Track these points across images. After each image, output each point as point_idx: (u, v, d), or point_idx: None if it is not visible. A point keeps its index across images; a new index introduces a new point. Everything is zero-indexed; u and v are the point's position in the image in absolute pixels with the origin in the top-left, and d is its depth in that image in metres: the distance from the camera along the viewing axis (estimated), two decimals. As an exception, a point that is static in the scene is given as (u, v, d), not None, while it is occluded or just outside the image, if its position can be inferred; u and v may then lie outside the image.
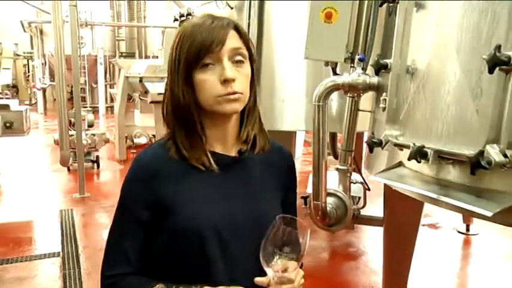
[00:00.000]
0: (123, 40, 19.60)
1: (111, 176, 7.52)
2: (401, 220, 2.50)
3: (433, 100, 1.49)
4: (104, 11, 17.31)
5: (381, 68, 1.70)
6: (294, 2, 3.73)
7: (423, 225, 4.86)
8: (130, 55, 18.40)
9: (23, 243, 4.44)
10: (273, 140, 1.26)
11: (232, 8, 4.04)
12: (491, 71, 1.22)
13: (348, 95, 2.28)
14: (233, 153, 1.17)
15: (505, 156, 1.26)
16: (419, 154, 1.46)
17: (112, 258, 1.15)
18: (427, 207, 5.03)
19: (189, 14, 4.33)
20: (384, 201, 2.61)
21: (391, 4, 1.67)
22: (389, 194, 2.50)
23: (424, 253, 4.26)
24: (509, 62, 1.19)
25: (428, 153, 1.46)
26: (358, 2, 2.31)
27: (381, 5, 1.86)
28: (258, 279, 1.05)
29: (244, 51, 1.10)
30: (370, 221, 2.87)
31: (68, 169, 7.15)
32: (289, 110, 3.98)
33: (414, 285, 3.60)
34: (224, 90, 1.05)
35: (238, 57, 1.08)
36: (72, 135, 6.21)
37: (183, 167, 1.11)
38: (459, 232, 4.65)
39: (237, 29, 1.11)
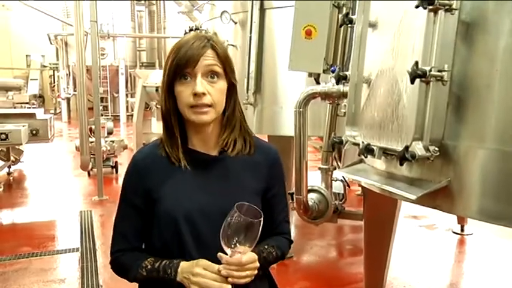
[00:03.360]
0: (144, 50, 20.25)
1: (129, 181, 7.92)
2: (379, 214, 2.77)
3: (377, 105, 1.79)
4: (126, 22, 17.94)
5: (340, 79, 2.00)
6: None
7: (420, 226, 5.10)
8: (150, 65, 19.00)
9: (46, 239, 4.84)
10: (260, 141, 1.45)
11: (236, 23, 4.37)
12: (412, 82, 1.50)
13: (326, 102, 2.57)
14: (215, 152, 1.36)
15: (428, 150, 1.55)
16: (366, 150, 1.75)
17: (115, 238, 1.41)
18: (425, 211, 5.27)
19: (197, 29, 4.68)
20: (363, 197, 2.89)
21: (349, 25, 1.97)
22: (368, 190, 2.77)
23: (421, 252, 4.49)
24: (426, 75, 1.48)
25: (375, 150, 1.76)
26: (336, 20, 2.61)
27: (340, 26, 2.16)
28: (220, 254, 1.22)
29: (218, 69, 1.27)
30: (352, 215, 3.14)
31: (89, 174, 7.60)
32: (288, 116, 4.26)
33: (411, 283, 3.84)
34: (194, 102, 1.25)
35: (212, 74, 1.27)
36: (92, 142, 6.64)
37: (169, 164, 1.33)
38: (454, 232, 4.86)
39: (214, 48, 1.28)
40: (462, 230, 4.80)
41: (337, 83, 2.10)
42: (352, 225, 4.93)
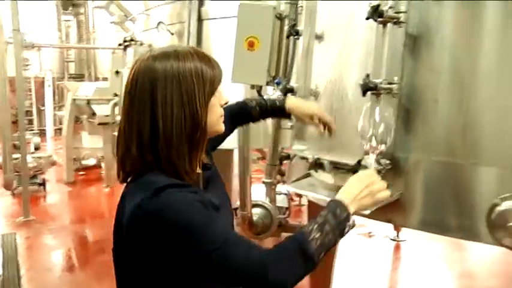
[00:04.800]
0: (72, 61, 19.33)
1: (58, 198, 7.43)
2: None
3: (327, 118, 1.75)
4: (52, 32, 17.07)
5: (287, 91, 1.95)
6: (230, 27, 3.98)
7: (358, 234, 5.20)
8: (79, 77, 18.17)
9: (-38, 268, 4.38)
10: None
11: (172, 34, 4.25)
12: (364, 94, 1.48)
13: (270, 114, 2.52)
14: (198, 169, 1.28)
15: (379, 163, 1.53)
16: (316, 165, 1.71)
17: (244, 246, 1.19)
18: (362, 219, 5.38)
19: (132, 40, 4.51)
20: (307, 210, 2.86)
21: (296, 37, 1.93)
22: (312, 204, 2.75)
23: (362, 261, 4.57)
24: (377, 88, 1.47)
25: (325, 164, 1.72)
26: (278, 32, 2.58)
27: (287, 37, 2.13)
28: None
29: None
30: (295, 228, 3.09)
31: (13, 193, 7.03)
32: (228, 129, 4.17)
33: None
34: (222, 111, 1.29)
35: None
36: (16, 159, 6.16)
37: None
38: (391, 239, 5.02)
39: None
40: (398, 236, 4.97)
41: (285, 95, 2.05)
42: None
